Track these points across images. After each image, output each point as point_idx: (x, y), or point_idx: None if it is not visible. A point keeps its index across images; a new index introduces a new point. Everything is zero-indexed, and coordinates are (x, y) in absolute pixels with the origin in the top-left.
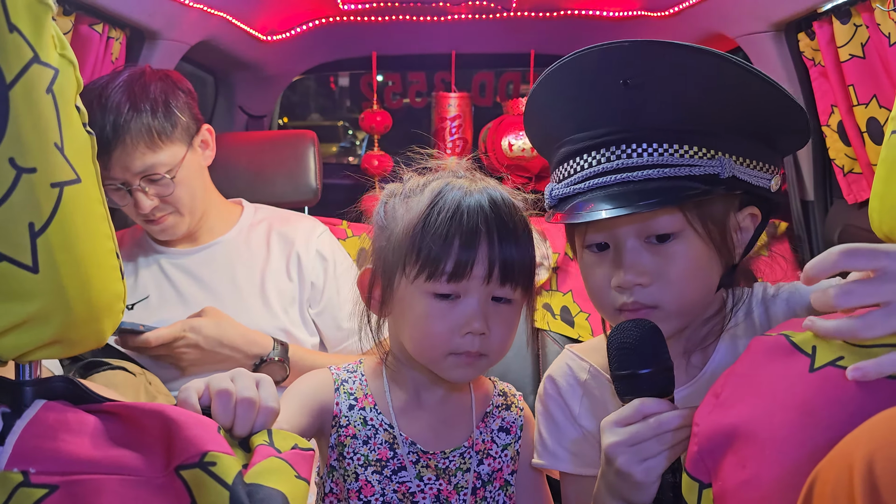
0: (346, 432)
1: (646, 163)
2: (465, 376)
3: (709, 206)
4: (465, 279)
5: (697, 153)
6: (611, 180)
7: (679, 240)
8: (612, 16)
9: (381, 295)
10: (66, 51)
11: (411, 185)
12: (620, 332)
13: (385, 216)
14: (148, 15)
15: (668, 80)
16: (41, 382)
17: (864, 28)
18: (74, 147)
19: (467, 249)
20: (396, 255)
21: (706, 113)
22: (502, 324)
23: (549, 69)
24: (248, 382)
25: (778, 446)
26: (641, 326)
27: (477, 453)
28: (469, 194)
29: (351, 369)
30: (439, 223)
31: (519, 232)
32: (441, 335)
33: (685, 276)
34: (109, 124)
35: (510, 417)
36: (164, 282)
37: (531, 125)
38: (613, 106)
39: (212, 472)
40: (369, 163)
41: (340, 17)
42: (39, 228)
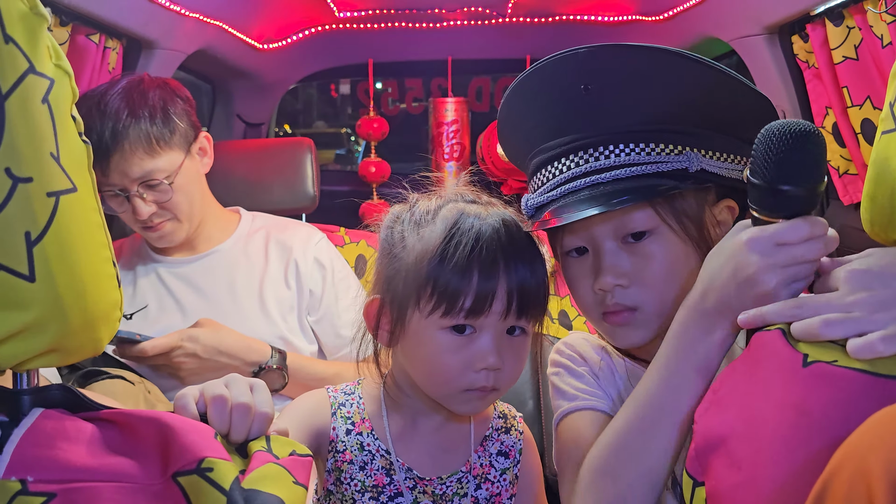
0: (342, 457)
1: (613, 164)
2: (475, 409)
3: (681, 202)
4: (483, 315)
5: (664, 150)
6: (581, 184)
7: (654, 238)
8: (607, 20)
9: (391, 326)
10: (62, 61)
11: (420, 210)
12: (786, 139)
13: (393, 244)
14: (144, 25)
15: (625, 82)
16: (39, 391)
17: (857, 30)
18: (70, 156)
19: (487, 284)
20: (409, 288)
21: (667, 112)
22: (515, 357)
23: (514, 82)
24: (243, 388)
25: (774, 449)
26: (811, 134)
27: (475, 478)
28: (485, 223)
29: (349, 391)
30: (458, 257)
31: (533, 258)
32: (455, 371)
33: (663, 274)
34: (108, 130)
35: (509, 441)
36: (162, 291)
37: (504, 138)
38: (578, 112)
39: (209, 478)
40: (367, 170)
41: (336, 24)
42: (36, 237)
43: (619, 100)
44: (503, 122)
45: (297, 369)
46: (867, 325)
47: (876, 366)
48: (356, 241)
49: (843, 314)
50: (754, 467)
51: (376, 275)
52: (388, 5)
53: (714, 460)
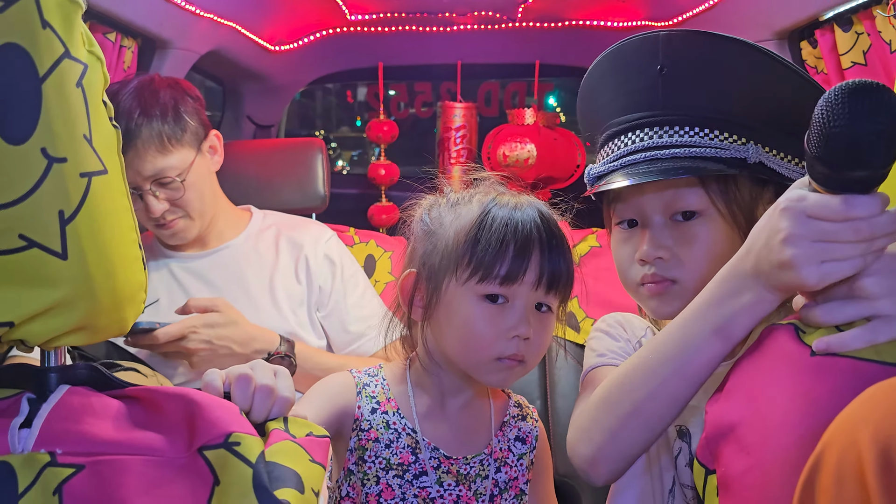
0: (367, 436)
1: (675, 143)
2: (503, 381)
3: (735, 190)
4: (517, 283)
5: (728, 138)
6: (641, 158)
7: (703, 219)
8: (617, 26)
9: (426, 299)
10: (94, 48)
11: (456, 195)
12: (847, 108)
13: (431, 223)
14: (159, 24)
15: (700, 69)
16: (65, 369)
17: (866, 35)
18: (102, 139)
19: (521, 255)
20: (446, 260)
21: (738, 102)
22: (543, 331)
23: (596, 59)
24: (267, 372)
25: (780, 433)
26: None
27: (495, 461)
28: (519, 206)
29: (372, 373)
30: (495, 229)
31: (564, 245)
32: (489, 338)
33: (704, 255)
34: (121, 129)
35: (526, 427)
36: (174, 285)
37: (582, 111)
38: (650, 92)
39: (236, 452)
40: (376, 172)
41: (348, 27)
42: (69, 216)
43: (691, 84)
44: (582, 97)
45: (304, 359)
46: (867, 310)
47: (882, 354)
48: (365, 241)
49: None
50: (763, 452)
51: (411, 251)
52: (399, 9)
53: (724, 447)
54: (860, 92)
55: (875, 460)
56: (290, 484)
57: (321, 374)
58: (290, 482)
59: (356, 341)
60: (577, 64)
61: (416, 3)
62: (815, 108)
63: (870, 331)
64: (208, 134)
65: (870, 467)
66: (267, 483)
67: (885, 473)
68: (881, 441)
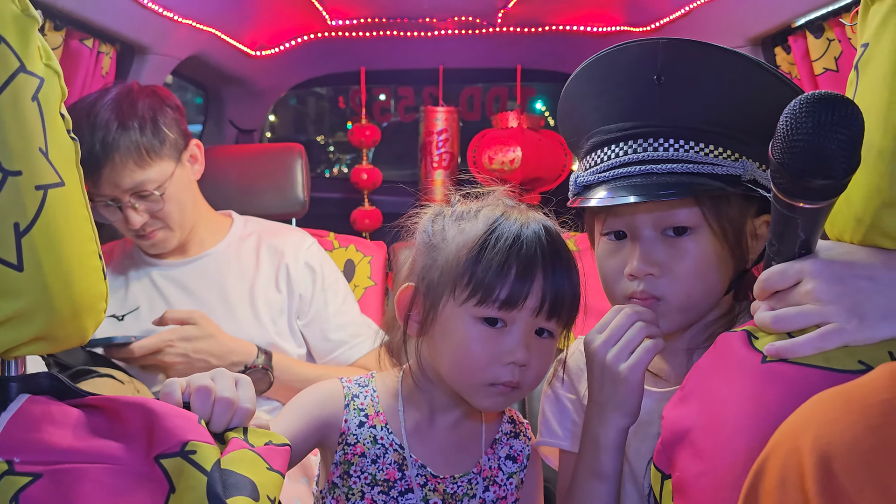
0: (353, 450)
1: (670, 157)
2: (496, 406)
3: (727, 207)
4: (516, 309)
5: (722, 154)
6: (634, 171)
7: (694, 235)
8: (596, 31)
9: (423, 314)
10: (52, 61)
11: (462, 208)
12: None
13: (433, 235)
14: (138, 30)
15: (699, 80)
16: (26, 378)
17: (837, 42)
18: (59, 152)
19: (523, 280)
20: (445, 277)
21: (734, 117)
22: (541, 357)
23: (586, 61)
24: (228, 382)
25: (731, 437)
26: (846, 118)
27: (484, 480)
28: (526, 225)
29: (363, 384)
30: (497, 250)
31: (571, 266)
32: (483, 362)
33: (695, 271)
34: (98, 142)
35: (518, 446)
36: (154, 293)
37: (564, 114)
38: (644, 101)
39: (192, 460)
40: (358, 177)
41: (329, 32)
42: (24, 228)
43: (689, 96)
44: (565, 99)
45: (282, 370)
46: (816, 317)
47: (830, 361)
48: (345, 246)
49: (794, 309)
50: (715, 457)
51: (411, 264)
52: (380, 14)
53: (679, 452)
54: (824, 103)
55: (814, 466)
56: (244, 492)
57: (300, 386)
58: (245, 490)
59: (337, 349)
60: (558, 69)
61: (397, 8)
62: (780, 117)
63: (818, 338)
64: (188, 144)
65: (810, 472)
66: (220, 491)
67: (823, 479)
68: (820, 448)
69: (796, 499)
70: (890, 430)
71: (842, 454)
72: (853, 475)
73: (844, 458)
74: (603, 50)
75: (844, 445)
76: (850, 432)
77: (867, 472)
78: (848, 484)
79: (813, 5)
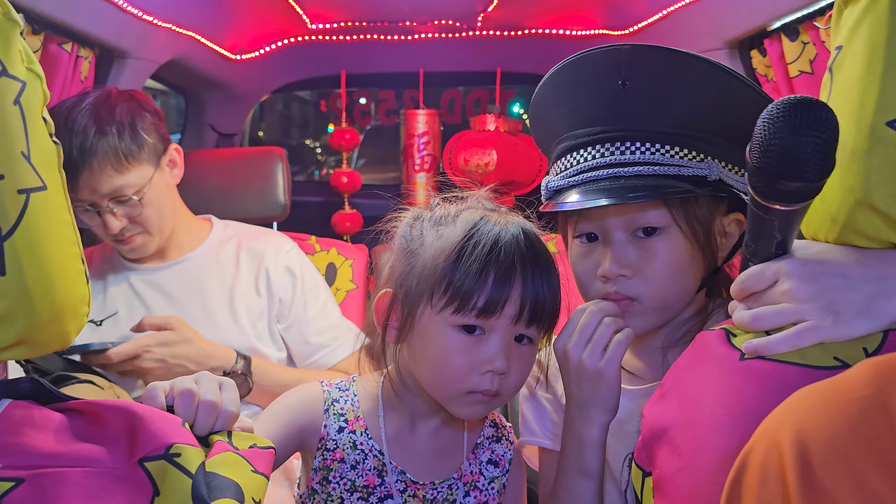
0: (332, 456)
1: (637, 160)
2: (476, 414)
3: (695, 207)
4: (494, 316)
5: (687, 155)
6: (603, 174)
7: (664, 236)
8: (575, 34)
9: (401, 322)
10: (34, 65)
11: (441, 212)
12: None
13: (411, 240)
14: (117, 34)
15: (662, 84)
16: (7, 383)
17: (812, 45)
18: (41, 156)
19: (501, 287)
20: (423, 284)
21: (698, 119)
22: (521, 364)
23: (554, 68)
24: (212, 386)
25: (709, 434)
26: (819, 122)
27: (464, 485)
28: (505, 230)
29: (343, 388)
30: (475, 257)
31: (550, 270)
32: (461, 371)
33: (666, 271)
34: (76, 147)
35: (500, 450)
36: (133, 298)
37: (534, 120)
38: (611, 106)
39: (176, 463)
40: (338, 180)
41: (309, 36)
42: (6, 233)
43: (653, 100)
44: (536, 104)
45: (262, 375)
46: (793, 315)
47: (806, 358)
48: (327, 250)
49: (771, 308)
50: (692, 453)
51: (390, 270)
52: (360, 17)
53: (658, 450)
54: (799, 107)
55: (794, 460)
56: (229, 494)
57: (280, 391)
58: (230, 492)
59: (317, 353)
60: (537, 72)
61: (377, 11)
62: (757, 121)
63: (794, 335)
64: (167, 148)
65: (790, 466)
66: (205, 493)
67: (803, 472)
68: (800, 442)
69: (777, 493)
70: (867, 425)
71: (820, 449)
72: (831, 469)
73: (823, 452)
74: (569, 57)
75: (823, 440)
76: (830, 428)
77: (844, 467)
78: (826, 478)
79: (788, 9)
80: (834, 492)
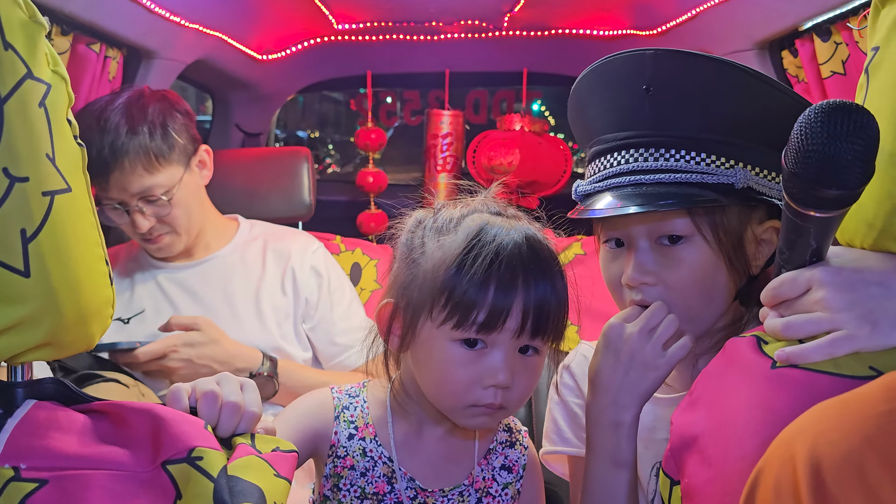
0: (343, 463)
1: (661, 167)
2: (481, 425)
3: (722, 216)
4: (496, 331)
5: (714, 162)
6: (625, 181)
7: (688, 244)
8: (602, 34)
9: (402, 332)
10: (59, 67)
11: (443, 217)
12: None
13: (412, 248)
14: (144, 35)
15: (686, 89)
16: (32, 384)
17: (844, 46)
18: (65, 158)
19: (502, 299)
20: (423, 295)
21: (724, 124)
22: (527, 376)
23: (583, 72)
24: (234, 387)
25: (740, 443)
26: (860, 128)
27: (476, 491)
28: (508, 237)
29: (353, 394)
30: (475, 269)
31: (556, 277)
32: (463, 385)
33: (690, 280)
34: (108, 146)
35: (513, 456)
36: (159, 296)
37: (571, 122)
38: (636, 111)
39: (198, 466)
40: (364, 180)
41: (335, 36)
42: (31, 234)
43: (678, 105)
44: (571, 108)
45: (287, 376)
46: (827, 324)
47: (840, 367)
48: (352, 250)
49: (805, 317)
50: (723, 463)
51: (392, 278)
52: (386, 18)
53: (688, 458)
54: (839, 112)
55: (807, 476)
56: (251, 498)
57: (305, 391)
58: (252, 497)
59: (343, 353)
60: (564, 72)
61: (403, 11)
62: (794, 125)
63: (829, 344)
64: (198, 149)
65: (803, 482)
66: (227, 497)
67: (815, 487)
68: (814, 457)
69: None
70: (884, 440)
71: (834, 464)
72: (843, 485)
73: (836, 467)
74: (597, 61)
75: (838, 455)
76: (846, 442)
77: (857, 482)
78: (838, 493)
79: (820, 9)
80: None
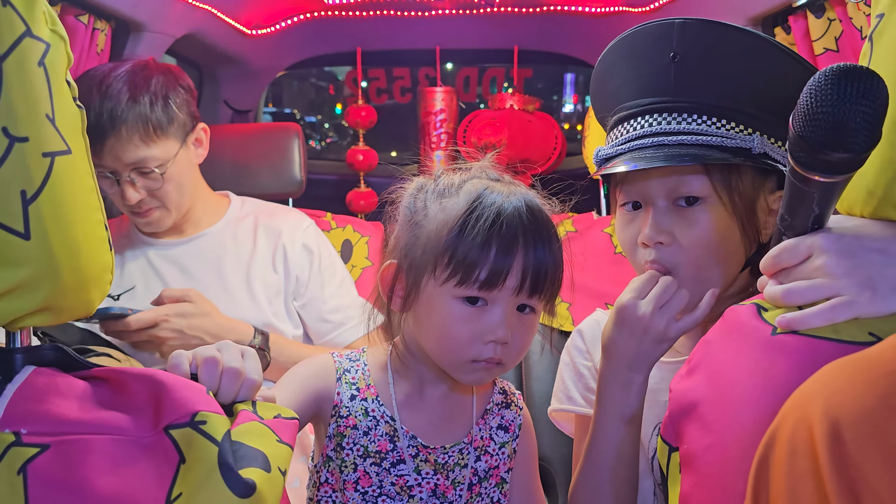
0: (346, 423)
1: (682, 129)
2: (480, 381)
3: (737, 179)
4: (496, 289)
5: (734, 128)
6: (648, 143)
7: (704, 206)
8: (594, 11)
9: (405, 292)
10: (57, 27)
11: (445, 182)
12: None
13: (415, 211)
14: (133, 7)
15: (711, 58)
16: (31, 350)
17: (838, 22)
18: (65, 119)
19: (503, 259)
20: (426, 255)
21: (746, 93)
22: (524, 333)
23: (612, 42)
24: (235, 354)
25: (740, 410)
26: (870, 91)
27: (475, 450)
28: (508, 201)
29: (353, 358)
30: (477, 229)
31: (553, 241)
32: (464, 341)
33: (704, 241)
34: (107, 112)
35: (509, 416)
36: (150, 272)
37: (593, 95)
38: (661, 78)
39: (202, 430)
40: (354, 158)
41: (325, 11)
42: (31, 196)
43: (703, 73)
44: (596, 78)
45: (278, 351)
46: (828, 290)
47: (840, 333)
48: (342, 227)
49: (805, 283)
50: (723, 429)
51: (394, 240)
52: None
53: (687, 425)
54: (850, 75)
55: (825, 434)
56: (255, 464)
57: None
58: (257, 462)
59: (334, 331)
60: (555, 50)
61: None
62: (804, 89)
63: (830, 310)
64: (195, 126)
65: (820, 440)
66: (232, 462)
67: (834, 446)
68: (831, 416)
69: (807, 467)
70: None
71: (850, 422)
72: (862, 443)
73: (854, 426)
74: (625, 31)
75: (854, 414)
76: (860, 402)
77: (874, 440)
78: (857, 452)
79: None
80: (865, 466)
